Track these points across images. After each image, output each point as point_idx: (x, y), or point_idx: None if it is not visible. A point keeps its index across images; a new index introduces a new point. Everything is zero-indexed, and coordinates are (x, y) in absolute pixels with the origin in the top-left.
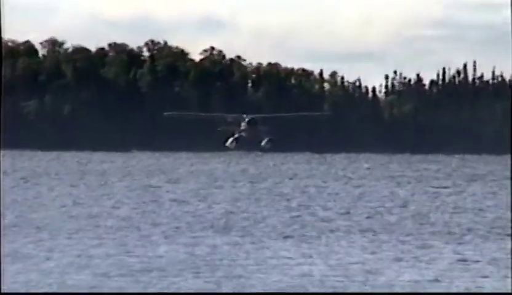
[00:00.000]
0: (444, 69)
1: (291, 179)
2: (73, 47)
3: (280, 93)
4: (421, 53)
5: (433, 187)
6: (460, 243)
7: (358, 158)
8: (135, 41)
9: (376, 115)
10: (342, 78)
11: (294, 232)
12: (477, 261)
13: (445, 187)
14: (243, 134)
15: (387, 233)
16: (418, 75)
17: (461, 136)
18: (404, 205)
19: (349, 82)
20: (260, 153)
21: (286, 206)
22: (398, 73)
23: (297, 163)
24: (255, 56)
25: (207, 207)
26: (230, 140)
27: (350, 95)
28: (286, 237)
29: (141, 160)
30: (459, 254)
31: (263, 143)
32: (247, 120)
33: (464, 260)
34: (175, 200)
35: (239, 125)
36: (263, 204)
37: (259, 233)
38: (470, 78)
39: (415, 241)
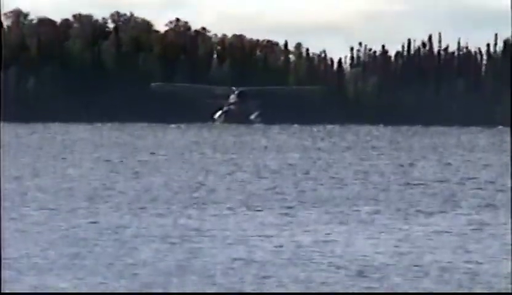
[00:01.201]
0: (409, 40)
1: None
2: (38, 18)
3: (245, 66)
4: (385, 28)
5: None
6: (430, 215)
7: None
8: (100, 13)
9: (340, 88)
10: (307, 50)
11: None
12: (448, 232)
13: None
14: (232, 107)
15: (348, 205)
16: (383, 46)
17: (425, 109)
18: (366, 177)
19: (314, 54)
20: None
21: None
22: (363, 45)
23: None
24: (220, 28)
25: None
26: (218, 113)
27: (315, 67)
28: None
29: (110, 133)
30: (427, 226)
31: (252, 117)
32: (236, 92)
33: (438, 232)
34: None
35: (228, 98)
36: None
37: (218, 206)
38: (435, 50)
39: (381, 214)
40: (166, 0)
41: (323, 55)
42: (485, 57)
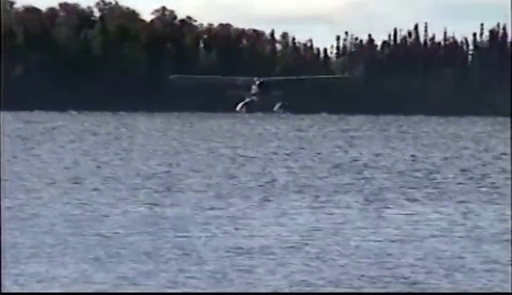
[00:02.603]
0: (395, 30)
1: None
2: (24, 7)
3: (231, 55)
4: (372, 17)
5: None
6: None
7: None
8: (86, 1)
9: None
10: (293, 39)
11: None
12: (431, 223)
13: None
14: (254, 98)
15: (340, 194)
16: (369, 36)
17: (411, 99)
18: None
19: (300, 43)
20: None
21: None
22: (349, 34)
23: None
24: (207, 17)
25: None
26: (240, 105)
27: (301, 56)
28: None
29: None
30: (415, 214)
31: (275, 108)
32: (257, 83)
33: (424, 221)
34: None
35: (250, 89)
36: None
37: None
38: (422, 39)
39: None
40: None
41: (309, 44)
42: (471, 47)
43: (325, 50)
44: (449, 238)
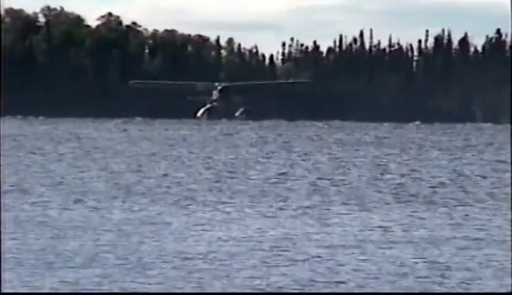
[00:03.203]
0: (340, 36)
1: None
2: None
3: (177, 61)
4: (318, 23)
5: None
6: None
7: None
8: (32, 7)
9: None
10: (239, 45)
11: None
12: (389, 227)
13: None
14: (215, 104)
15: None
16: (314, 42)
17: (357, 104)
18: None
19: (245, 49)
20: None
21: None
22: (295, 41)
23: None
24: (152, 23)
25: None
26: (201, 111)
27: (247, 62)
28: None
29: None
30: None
31: (237, 114)
32: (219, 88)
33: (380, 227)
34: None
35: (211, 94)
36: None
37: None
38: (367, 46)
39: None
40: None
41: (254, 50)
42: (416, 53)
43: (271, 56)
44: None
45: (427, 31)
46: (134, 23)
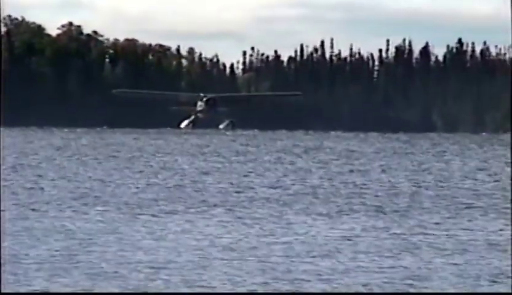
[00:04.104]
0: (301, 46)
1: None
2: None
3: (138, 70)
4: (278, 32)
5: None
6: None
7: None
8: None
9: (234, 92)
10: (200, 55)
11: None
12: (357, 236)
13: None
14: (199, 115)
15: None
16: (275, 52)
17: (318, 114)
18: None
19: (206, 59)
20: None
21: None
22: (256, 50)
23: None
24: (113, 34)
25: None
26: (185, 122)
27: (208, 72)
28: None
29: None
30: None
31: (221, 126)
32: (204, 99)
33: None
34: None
35: (195, 105)
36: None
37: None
38: (328, 55)
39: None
40: (58, 2)
41: (215, 59)
42: (377, 63)
43: (232, 65)
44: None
45: (388, 41)
46: (95, 32)
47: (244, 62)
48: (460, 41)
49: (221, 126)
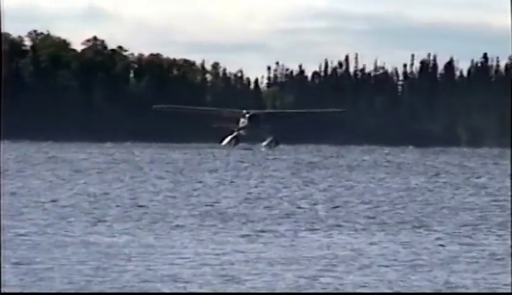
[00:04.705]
0: (326, 61)
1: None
2: None
3: (162, 84)
4: (303, 45)
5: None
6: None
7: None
8: (18, 30)
9: (259, 107)
10: (224, 69)
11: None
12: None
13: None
14: (242, 132)
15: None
16: (300, 66)
17: (343, 127)
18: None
19: (231, 73)
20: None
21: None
22: (280, 64)
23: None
24: (138, 46)
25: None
26: (227, 139)
27: (232, 86)
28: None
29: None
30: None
31: (265, 143)
32: (247, 116)
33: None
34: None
35: (238, 122)
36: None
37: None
38: (352, 70)
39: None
40: (83, 13)
41: (240, 74)
42: (401, 77)
43: (256, 80)
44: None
45: (413, 56)
46: (120, 47)
47: (269, 77)
48: (485, 56)
49: (264, 144)
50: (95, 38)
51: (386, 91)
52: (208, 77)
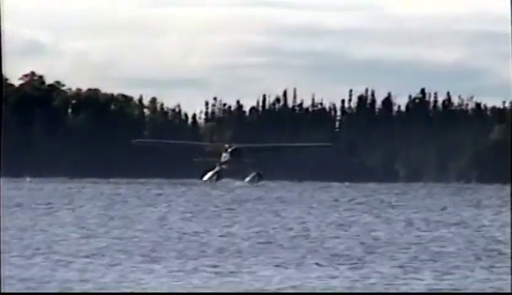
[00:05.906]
0: (264, 96)
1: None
2: None
3: (101, 118)
4: (242, 80)
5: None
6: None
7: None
8: None
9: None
10: (162, 104)
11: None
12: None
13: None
14: (224, 167)
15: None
16: (238, 101)
17: (282, 163)
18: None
19: (168, 108)
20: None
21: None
22: (218, 100)
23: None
24: (76, 81)
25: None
26: (209, 174)
27: (170, 121)
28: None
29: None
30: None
31: (247, 179)
32: (229, 150)
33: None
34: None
35: (220, 156)
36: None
37: None
38: (290, 105)
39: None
40: (22, 48)
41: (177, 109)
42: (339, 113)
43: (194, 115)
44: None
45: (350, 91)
46: (57, 82)
47: (206, 112)
48: (422, 91)
49: (247, 179)
50: (32, 73)
51: (324, 127)
52: (146, 111)
